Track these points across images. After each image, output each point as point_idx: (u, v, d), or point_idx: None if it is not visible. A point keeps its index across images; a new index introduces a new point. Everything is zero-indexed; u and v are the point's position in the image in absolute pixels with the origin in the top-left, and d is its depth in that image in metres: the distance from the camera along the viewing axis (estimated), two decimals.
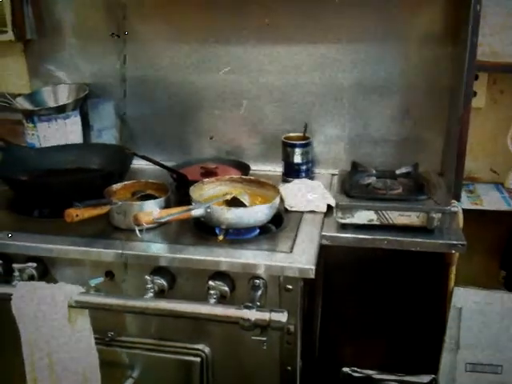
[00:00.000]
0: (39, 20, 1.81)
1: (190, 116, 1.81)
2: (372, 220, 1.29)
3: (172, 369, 1.32)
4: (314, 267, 1.15)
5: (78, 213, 1.19)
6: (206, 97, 1.77)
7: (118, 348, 1.33)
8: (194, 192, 1.35)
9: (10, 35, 1.77)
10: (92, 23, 1.78)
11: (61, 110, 1.68)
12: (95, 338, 1.21)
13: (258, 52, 1.69)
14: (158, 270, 1.24)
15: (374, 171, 1.47)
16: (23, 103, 1.73)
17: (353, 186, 1.36)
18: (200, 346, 1.30)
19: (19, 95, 1.78)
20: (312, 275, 1.15)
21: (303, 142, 1.61)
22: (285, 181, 1.62)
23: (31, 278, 1.28)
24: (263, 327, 1.08)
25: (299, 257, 1.19)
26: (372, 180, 1.42)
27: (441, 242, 1.28)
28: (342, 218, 1.30)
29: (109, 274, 1.28)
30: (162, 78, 1.79)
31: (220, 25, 1.69)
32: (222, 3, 1.67)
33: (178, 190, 1.50)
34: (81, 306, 1.15)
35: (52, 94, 1.76)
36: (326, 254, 1.38)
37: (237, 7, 1.66)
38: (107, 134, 1.84)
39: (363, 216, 1.29)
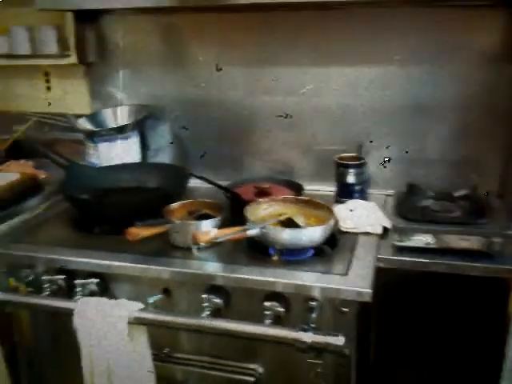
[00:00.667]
0: (100, 44, 1.90)
1: (243, 136, 1.85)
2: (429, 243, 1.27)
3: None
4: (370, 290, 1.14)
5: (139, 232, 1.22)
6: (259, 117, 1.81)
7: (173, 364, 1.36)
8: (249, 212, 1.37)
9: (73, 59, 1.85)
10: (149, 47, 1.86)
11: (121, 130, 1.74)
12: (151, 354, 1.24)
13: (311, 73, 1.72)
14: (214, 289, 1.26)
15: (431, 193, 1.45)
16: (85, 124, 1.80)
17: (410, 208, 1.35)
18: (254, 366, 1.30)
19: (81, 116, 1.87)
20: (369, 299, 1.14)
21: (357, 162, 1.61)
22: (338, 201, 1.62)
23: (92, 293, 1.32)
24: (319, 350, 1.08)
25: (355, 279, 1.18)
26: (429, 202, 1.40)
27: (501, 267, 1.24)
28: (398, 241, 1.29)
29: (166, 292, 1.31)
30: (216, 99, 1.84)
31: (274, 47, 1.73)
32: (276, 26, 1.70)
33: (232, 209, 1.52)
34: (140, 322, 1.19)
35: (112, 115, 1.83)
36: (381, 276, 1.36)
37: (290, 29, 1.69)
38: (163, 153, 1.89)
39: (420, 239, 1.27)
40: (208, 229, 1.28)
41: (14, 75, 2.04)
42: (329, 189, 1.70)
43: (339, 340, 1.06)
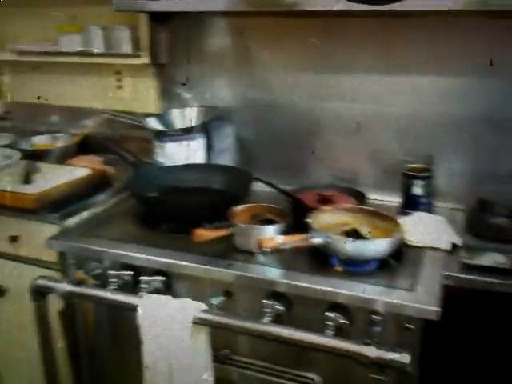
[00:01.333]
0: (171, 45, 1.94)
1: (307, 141, 1.84)
2: (502, 263, 1.22)
3: None
4: (438, 309, 1.11)
5: (205, 234, 1.24)
6: (325, 124, 1.80)
7: (231, 366, 1.37)
8: (313, 220, 1.36)
9: (145, 59, 1.90)
10: (218, 50, 1.89)
11: (188, 131, 1.77)
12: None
13: (380, 82, 1.69)
14: (275, 295, 1.26)
15: (504, 211, 1.40)
16: (153, 123, 1.85)
17: (481, 225, 1.31)
18: (311, 375, 1.30)
19: (149, 115, 1.91)
20: (436, 317, 1.11)
21: (425, 174, 1.57)
22: (403, 213, 1.58)
23: (157, 290, 1.35)
24: (382, 366, 1.07)
25: (422, 296, 1.16)
26: (502, 220, 1.35)
27: None
28: (468, 259, 1.25)
29: (227, 294, 1.32)
30: (281, 104, 1.84)
31: (342, 53, 1.72)
32: (346, 32, 1.69)
33: (294, 215, 1.52)
34: (203, 323, 1.20)
35: (180, 116, 1.86)
36: (447, 294, 1.32)
37: (359, 36, 1.68)
38: (226, 155, 1.91)
39: (492, 258, 1.23)
40: (273, 235, 1.29)
41: (87, 72, 2.12)
42: (393, 199, 1.67)
43: (405, 357, 1.04)
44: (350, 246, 1.24)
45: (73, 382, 1.63)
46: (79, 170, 1.81)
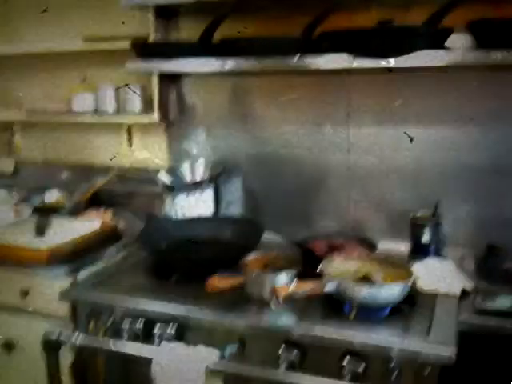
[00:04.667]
0: (181, 103, 2.02)
1: (314, 192, 1.88)
2: None
3: None
4: (454, 355, 1.11)
5: (219, 282, 1.25)
6: (329, 174, 1.84)
7: None
8: (326, 267, 1.37)
9: (155, 117, 1.97)
10: (222, 106, 1.96)
11: (197, 184, 1.82)
12: None
13: (384, 132, 1.75)
14: (289, 343, 1.25)
15: None
16: (163, 177, 1.89)
17: (492, 269, 1.32)
18: None
19: (159, 170, 1.96)
20: (453, 362, 1.11)
21: (433, 222, 1.59)
22: (412, 260, 1.59)
23: (170, 340, 1.34)
24: None
25: (437, 342, 1.15)
26: (511, 265, 1.36)
27: None
28: (481, 304, 1.25)
29: (241, 343, 1.31)
30: (287, 156, 1.90)
31: (344, 106, 1.78)
32: (345, 87, 1.76)
33: (304, 265, 1.53)
34: (218, 371, 1.19)
35: (189, 170, 1.90)
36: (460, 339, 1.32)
37: (361, 91, 1.75)
38: (235, 207, 1.94)
39: (506, 302, 1.23)
40: (286, 283, 1.30)
41: (98, 130, 2.18)
42: (401, 247, 1.68)
43: None
44: (364, 292, 1.25)
45: None
46: (90, 224, 1.84)
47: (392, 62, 1.41)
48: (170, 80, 1.98)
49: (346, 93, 1.77)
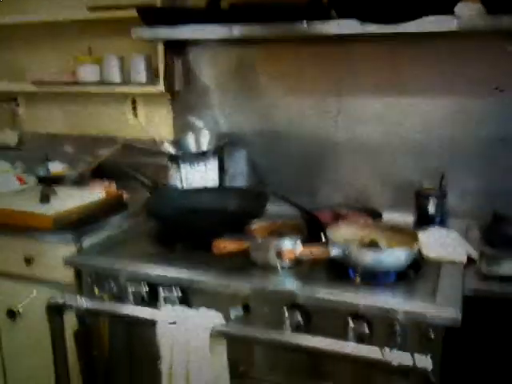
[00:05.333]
0: (186, 74, 2.00)
1: (319, 164, 1.87)
2: None
3: None
4: (460, 317, 1.11)
5: (225, 245, 1.25)
6: (335, 146, 1.83)
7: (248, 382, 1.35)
8: (332, 233, 1.37)
9: (161, 87, 1.96)
10: (229, 78, 1.94)
11: (202, 155, 1.81)
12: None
13: (390, 103, 1.74)
14: (294, 307, 1.26)
15: None
16: (169, 148, 1.88)
17: (497, 236, 1.32)
18: None
19: (164, 141, 1.95)
20: (458, 324, 1.11)
21: (438, 193, 1.59)
22: (417, 229, 1.59)
23: (174, 304, 1.35)
24: (404, 373, 1.05)
25: (442, 305, 1.15)
26: None
27: None
28: (487, 269, 1.25)
29: (245, 307, 1.32)
30: (292, 128, 1.89)
31: (351, 77, 1.77)
32: (352, 57, 1.75)
33: (309, 233, 1.53)
34: (222, 335, 1.19)
35: (194, 141, 1.90)
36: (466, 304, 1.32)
37: (368, 61, 1.74)
38: (239, 179, 1.95)
39: (510, 267, 1.23)
40: (289, 247, 1.29)
41: (103, 101, 2.17)
42: (407, 218, 1.67)
43: (427, 362, 1.02)
44: (369, 257, 1.25)
45: None
46: (95, 193, 1.84)
47: (401, 28, 1.39)
48: (175, 50, 1.96)
49: (353, 62, 1.75)
